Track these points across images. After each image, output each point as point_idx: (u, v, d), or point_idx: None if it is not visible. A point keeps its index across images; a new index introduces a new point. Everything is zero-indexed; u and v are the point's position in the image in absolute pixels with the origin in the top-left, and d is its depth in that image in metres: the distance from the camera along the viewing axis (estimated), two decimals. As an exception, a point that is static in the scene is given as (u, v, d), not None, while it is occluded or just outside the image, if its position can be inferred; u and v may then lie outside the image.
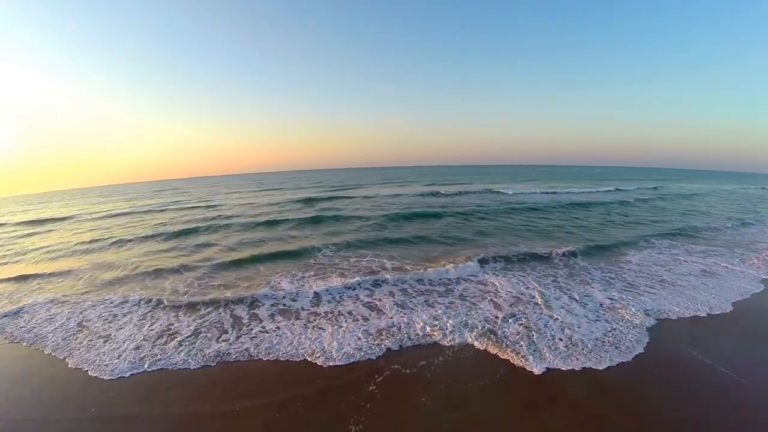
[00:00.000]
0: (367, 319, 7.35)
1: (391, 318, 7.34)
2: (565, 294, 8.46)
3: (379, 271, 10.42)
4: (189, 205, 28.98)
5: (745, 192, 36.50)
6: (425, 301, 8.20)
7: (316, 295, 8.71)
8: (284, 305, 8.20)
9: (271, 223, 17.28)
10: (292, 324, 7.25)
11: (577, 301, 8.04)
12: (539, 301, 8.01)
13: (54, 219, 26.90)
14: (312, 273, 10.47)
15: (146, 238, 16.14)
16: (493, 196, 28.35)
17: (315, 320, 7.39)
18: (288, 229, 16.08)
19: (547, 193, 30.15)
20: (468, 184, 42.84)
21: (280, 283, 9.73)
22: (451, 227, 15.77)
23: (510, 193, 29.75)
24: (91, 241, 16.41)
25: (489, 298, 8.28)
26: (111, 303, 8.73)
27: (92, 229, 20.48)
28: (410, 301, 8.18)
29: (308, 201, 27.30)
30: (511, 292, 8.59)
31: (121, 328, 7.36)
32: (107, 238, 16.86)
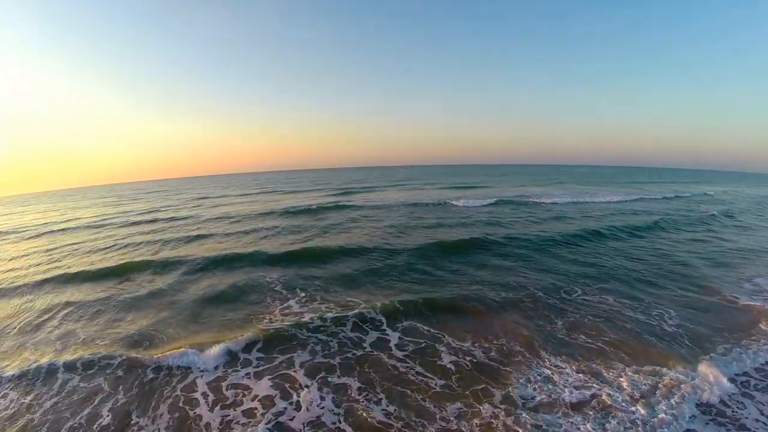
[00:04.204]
0: None
1: None
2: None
3: None
4: (165, 216, 24.63)
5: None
6: None
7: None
8: None
9: (236, 261, 12.03)
10: None
11: None
12: None
13: None
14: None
15: (66, 280, 11.28)
16: (533, 208, 22.57)
17: None
18: (256, 271, 11.01)
19: (593, 202, 24.70)
20: (489, 188, 37.81)
21: None
22: (524, 275, 10.21)
23: (549, 202, 24.32)
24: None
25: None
26: None
27: (18, 256, 15.74)
28: None
29: (304, 212, 22.66)
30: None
31: None
32: (11, 277, 12.20)
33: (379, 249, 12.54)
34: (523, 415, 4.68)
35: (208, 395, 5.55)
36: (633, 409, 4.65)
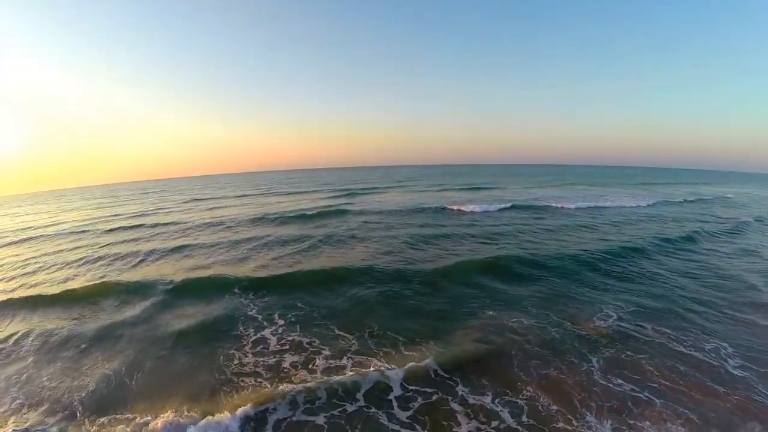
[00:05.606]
0: None
1: None
2: None
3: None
4: (152, 222, 23.32)
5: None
6: None
7: None
8: None
9: (214, 283, 10.38)
10: None
11: None
12: None
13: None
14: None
15: (28, 304, 9.63)
16: (552, 215, 20.51)
17: None
18: (234, 295, 9.45)
19: (614, 207, 22.89)
20: (499, 190, 36.43)
21: None
22: (547, 298, 8.67)
23: (570, 207, 22.42)
24: None
25: None
26: None
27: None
28: None
29: (301, 218, 21.25)
30: None
31: None
32: None
33: (378, 268, 10.90)
34: None
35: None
36: None
